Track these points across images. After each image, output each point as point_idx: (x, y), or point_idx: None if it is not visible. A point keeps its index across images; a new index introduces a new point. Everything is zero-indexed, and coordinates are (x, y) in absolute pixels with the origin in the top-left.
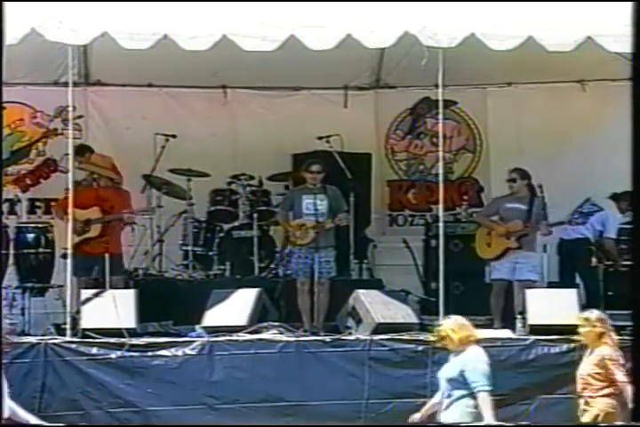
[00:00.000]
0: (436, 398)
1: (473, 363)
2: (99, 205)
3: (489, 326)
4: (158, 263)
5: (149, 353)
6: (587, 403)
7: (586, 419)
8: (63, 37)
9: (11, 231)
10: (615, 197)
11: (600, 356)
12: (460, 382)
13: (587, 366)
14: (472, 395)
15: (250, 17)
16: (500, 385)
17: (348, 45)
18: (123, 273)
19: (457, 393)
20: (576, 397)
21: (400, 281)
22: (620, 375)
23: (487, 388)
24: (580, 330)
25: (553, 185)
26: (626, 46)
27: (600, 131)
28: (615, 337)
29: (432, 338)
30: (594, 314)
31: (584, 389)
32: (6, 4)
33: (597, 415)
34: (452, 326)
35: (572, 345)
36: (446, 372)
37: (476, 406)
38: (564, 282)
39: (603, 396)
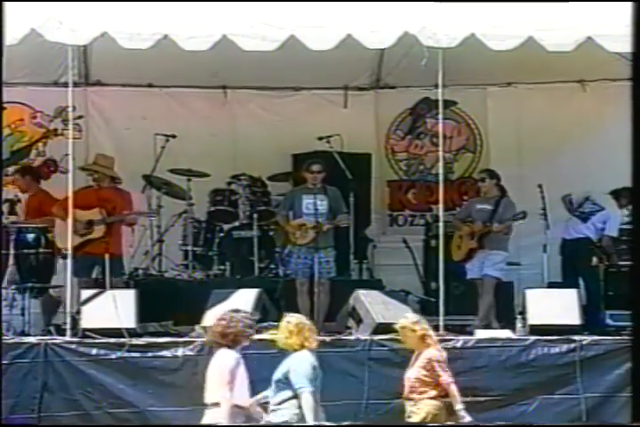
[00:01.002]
0: (268, 392)
1: (295, 365)
2: (101, 205)
3: (487, 326)
4: (158, 263)
5: (149, 353)
6: (414, 405)
7: (413, 421)
8: (63, 38)
9: (11, 231)
10: (615, 194)
11: (426, 358)
12: (284, 383)
13: (414, 369)
14: (296, 396)
15: (250, 17)
16: (500, 385)
17: (347, 46)
18: (122, 274)
19: (283, 395)
20: (404, 399)
21: (400, 281)
22: (445, 376)
23: (308, 389)
24: (402, 337)
25: (553, 185)
26: (626, 46)
27: (600, 131)
28: (435, 337)
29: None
30: (410, 319)
31: (411, 391)
32: (6, 4)
33: (425, 418)
34: (286, 326)
35: (573, 345)
36: (275, 373)
37: (301, 407)
38: (566, 282)
39: (429, 398)
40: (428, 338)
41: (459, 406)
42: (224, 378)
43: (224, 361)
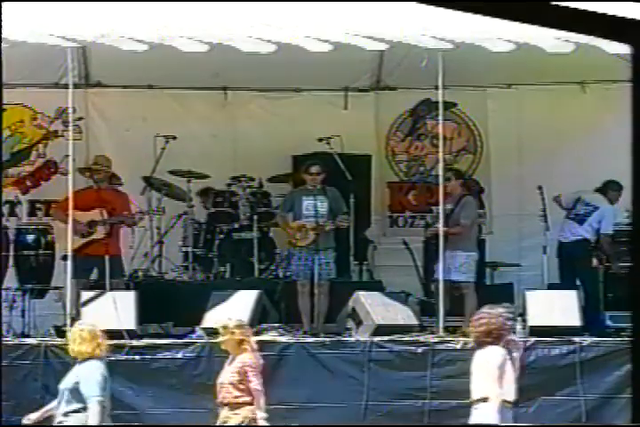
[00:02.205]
0: (54, 402)
1: (86, 374)
2: (101, 206)
3: None
4: (158, 265)
5: (149, 355)
6: (230, 410)
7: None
8: (63, 39)
9: (11, 233)
10: (601, 191)
11: (241, 363)
12: (73, 393)
13: (227, 374)
14: (85, 407)
15: (250, 19)
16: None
17: (348, 47)
18: (122, 275)
19: (73, 405)
20: (218, 406)
21: (400, 282)
22: (255, 383)
23: (98, 398)
24: (220, 338)
25: (553, 186)
26: (625, 48)
27: (600, 132)
28: (254, 343)
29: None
30: (232, 321)
31: (225, 397)
32: (6, 5)
33: (242, 422)
34: (79, 334)
35: (573, 347)
36: (63, 382)
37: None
38: (564, 285)
39: (244, 404)
40: (247, 344)
41: (260, 415)
42: (493, 374)
43: (491, 358)
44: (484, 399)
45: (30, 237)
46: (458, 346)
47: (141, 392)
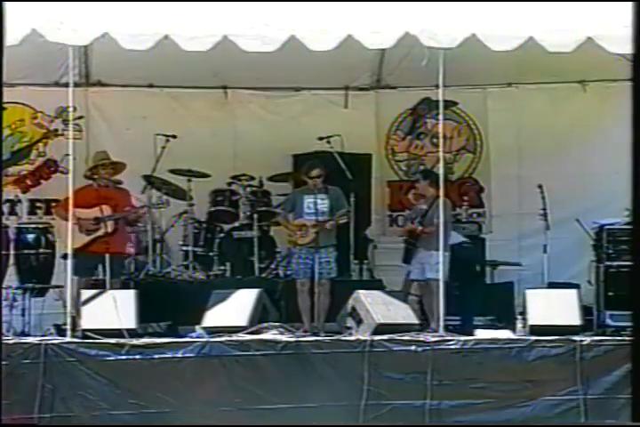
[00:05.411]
0: None
1: None
2: (104, 203)
3: (490, 326)
4: (160, 264)
5: (149, 354)
6: None
7: None
8: (64, 38)
9: (11, 232)
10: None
11: None
12: None
13: None
14: None
15: (250, 18)
16: (500, 386)
17: (348, 46)
18: (123, 273)
19: None
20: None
21: (400, 281)
22: None
23: None
24: None
25: (553, 185)
26: (626, 47)
27: (600, 131)
28: None
29: None
30: None
31: None
32: (7, 5)
33: None
34: None
35: (573, 346)
36: None
37: None
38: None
39: None
40: None
41: None
42: None
43: None
44: None
45: (30, 236)
46: (458, 345)
47: (141, 392)
